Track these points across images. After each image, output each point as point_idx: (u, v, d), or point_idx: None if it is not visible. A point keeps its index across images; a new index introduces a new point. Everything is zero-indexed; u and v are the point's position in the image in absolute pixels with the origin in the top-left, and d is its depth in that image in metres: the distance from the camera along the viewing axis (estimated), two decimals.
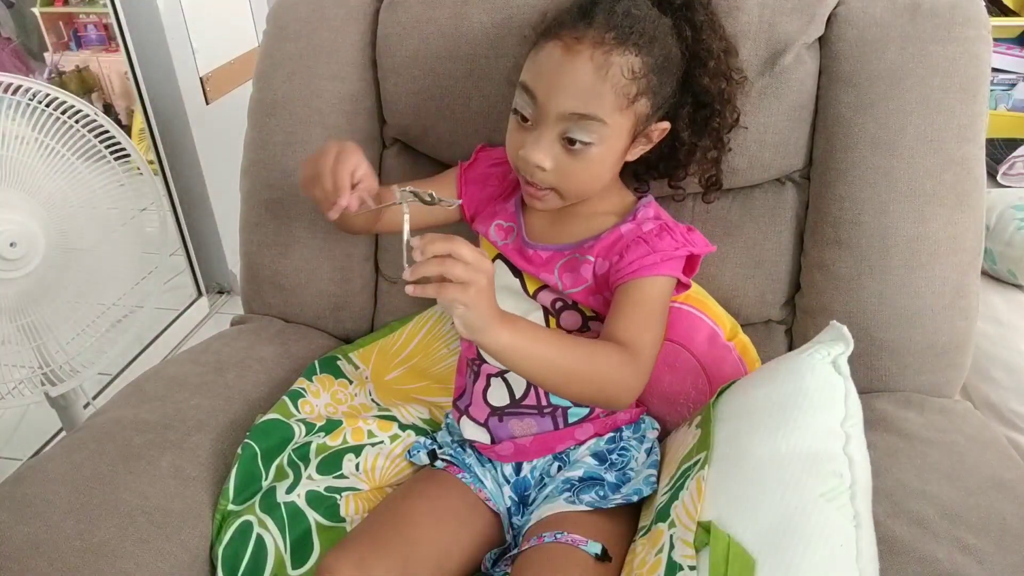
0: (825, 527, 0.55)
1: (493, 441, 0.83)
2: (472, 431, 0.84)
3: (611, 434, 0.83)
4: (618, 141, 0.73)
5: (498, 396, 0.82)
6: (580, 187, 0.75)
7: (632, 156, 0.77)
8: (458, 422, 0.86)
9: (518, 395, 0.81)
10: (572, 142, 0.70)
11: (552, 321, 0.80)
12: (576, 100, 0.69)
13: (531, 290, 0.81)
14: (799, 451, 0.60)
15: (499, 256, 0.84)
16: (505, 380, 0.82)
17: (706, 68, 0.74)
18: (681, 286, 0.80)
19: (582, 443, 0.83)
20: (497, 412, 0.83)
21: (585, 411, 0.82)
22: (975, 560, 0.62)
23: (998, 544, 0.63)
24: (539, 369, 0.66)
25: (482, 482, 0.83)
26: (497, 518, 0.82)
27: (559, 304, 0.79)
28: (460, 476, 0.83)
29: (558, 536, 0.71)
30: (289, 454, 0.84)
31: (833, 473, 0.58)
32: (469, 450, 0.86)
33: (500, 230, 0.85)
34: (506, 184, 0.88)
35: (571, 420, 0.82)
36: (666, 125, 0.76)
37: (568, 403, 0.81)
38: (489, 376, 0.82)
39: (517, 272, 0.81)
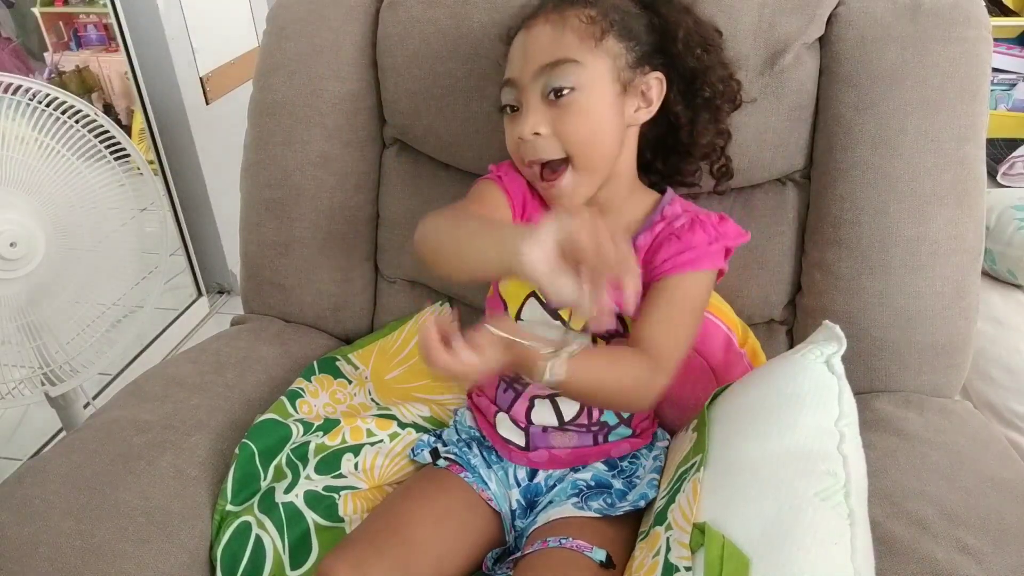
0: (820, 526, 0.55)
1: (527, 447, 0.82)
2: (509, 431, 0.83)
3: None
4: (602, 86, 0.72)
5: (543, 416, 0.81)
6: (584, 144, 0.73)
7: (635, 119, 0.75)
8: (493, 416, 0.84)
9: (568, 417, 0.80)
10: (556, 94, 0.71)
11: (599, 341, 0.78)
12: (543, 53, 0.72)
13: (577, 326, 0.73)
14: (793, 451, 0.60)
15: (532, 293, 0.81)
16: (554, 403, 0.80)
17: (677, 39, 0.75)
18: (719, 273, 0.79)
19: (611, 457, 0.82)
20: (540, 425, 0.81)
21: (628, 432, 0.82)
22: (974, 560, 0.62)
23: (997, 544, 0.63)
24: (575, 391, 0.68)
25: (486, 483, 0.81)
26: (499, 518, 0.82)
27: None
28: (463, 476, 0.82)
29: (563, 541, 0.71)
30: (287, 454, 0.83)
31: (827, 472, 0.58)
32: (476, 450, 0.84)
33: None
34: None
35: (611, 438, 0.81)
36: (659, 75, 0.75)
37: (615, 420, 0.81)
38: (533, 398, 0.81)
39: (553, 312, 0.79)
